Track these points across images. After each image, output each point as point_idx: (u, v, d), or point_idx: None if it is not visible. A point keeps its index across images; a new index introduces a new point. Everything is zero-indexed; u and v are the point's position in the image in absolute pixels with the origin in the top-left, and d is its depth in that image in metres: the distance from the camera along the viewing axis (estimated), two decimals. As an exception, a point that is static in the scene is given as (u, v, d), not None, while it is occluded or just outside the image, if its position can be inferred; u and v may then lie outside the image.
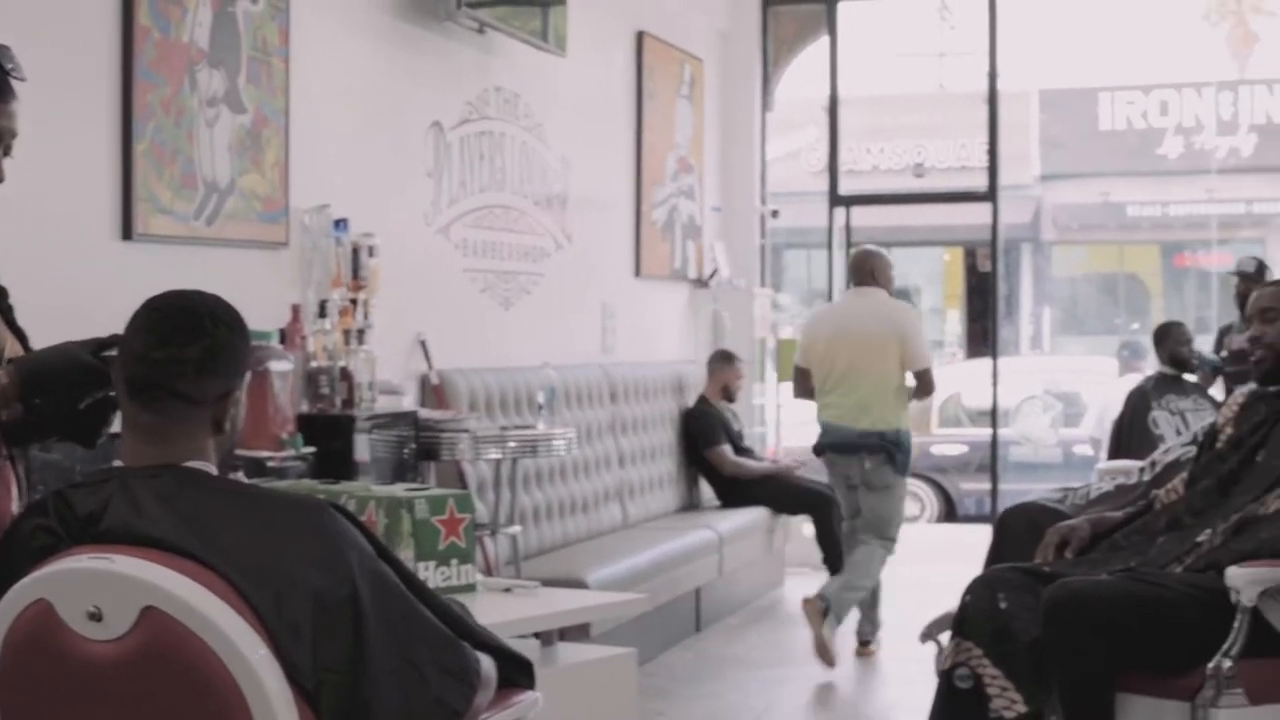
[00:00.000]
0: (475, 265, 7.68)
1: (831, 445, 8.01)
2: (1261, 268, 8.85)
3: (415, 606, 2.73)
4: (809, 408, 8.28)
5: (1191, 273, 26.36)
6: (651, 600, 6.75)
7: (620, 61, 9.43)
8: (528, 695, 3.07)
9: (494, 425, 7.14)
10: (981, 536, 6.75)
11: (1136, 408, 8.49)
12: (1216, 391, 8.71)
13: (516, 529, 6.94)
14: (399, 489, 4.55)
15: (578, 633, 5.91)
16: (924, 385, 7.98)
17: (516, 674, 3.04)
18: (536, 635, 4.41)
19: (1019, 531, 5.67)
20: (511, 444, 6.70)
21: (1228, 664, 4.11)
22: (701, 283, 10.55)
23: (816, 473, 10.62)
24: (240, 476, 4.86)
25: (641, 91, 9.59)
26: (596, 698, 4.42)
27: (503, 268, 7.92)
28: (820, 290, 13.59)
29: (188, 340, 2.68)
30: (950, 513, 14.65)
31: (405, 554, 4.18)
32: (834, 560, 9.63)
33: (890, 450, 7.87)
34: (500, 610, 4.19)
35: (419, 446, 6.40)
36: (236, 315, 2.78)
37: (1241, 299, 8.42)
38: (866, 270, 8.09)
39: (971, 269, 23.33)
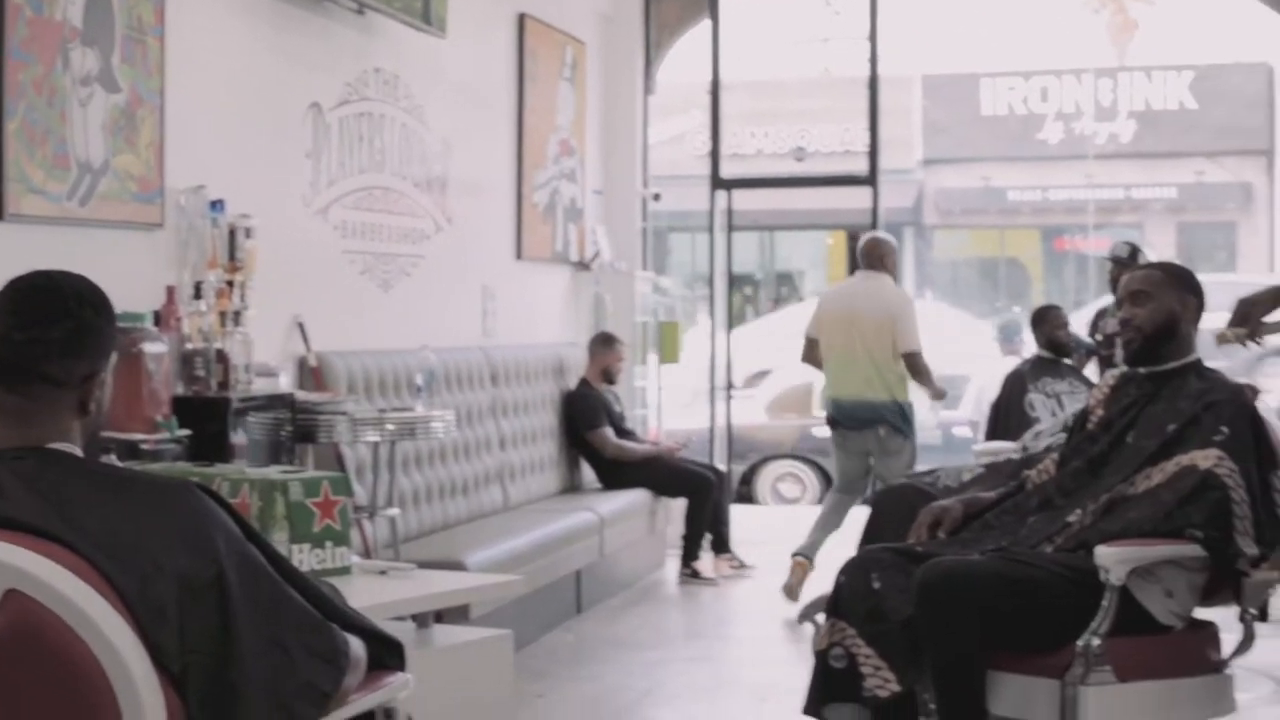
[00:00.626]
0: (354, 247, 7.64)
1: (845, 422, 8.62)
2: (1134, 252, 8.95)
3: (283, 589, 2.72)
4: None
5: (1071, 256, 26.70)
6: (531, 582, 6.76)
7: (501, 43, 9.40)
8: (398, 677, 3.07)
9: (372, 408, 7.11)
10: (862, 518, 6.81)
11: (1014, 390, 8.56)
12: (1092, 374, 8.81)
13: (395, 511, 6.92)
14: (274, 471, 4.53)
15: (457, 615, 5.92)
16: (913, 368, 8.55)
17: (387, 655, 3.04)
18: (413, 618, 4.41)
19: (893, 512, 5.75)
20: (390, 426, 6.67)
21: (1096, 642, 4.18)
22: (583, 265, 10.54)
23: (697, 454, 10.71)
24: (112, 459, 4.82)
25: (523, 74, 9.56)
26: (472, 680, 4.42)
27: (382, 250, 7.88)
28: (703, 273, 13.62)
29: (51, 321, 2.65)
30: (830, 493, 14.71)
31: (279, 537, 4.16)
32: (692, 543, 9.72)
33: (895, 422, 8.53)
34: (375, 593, 4.19)
35: (296, 429, 6.36)
36: (102, 296, 2.74)
37: (1115, 283, 8.51)
38: (877, 256, 8.80)
39: (854, 252, 23.46)
